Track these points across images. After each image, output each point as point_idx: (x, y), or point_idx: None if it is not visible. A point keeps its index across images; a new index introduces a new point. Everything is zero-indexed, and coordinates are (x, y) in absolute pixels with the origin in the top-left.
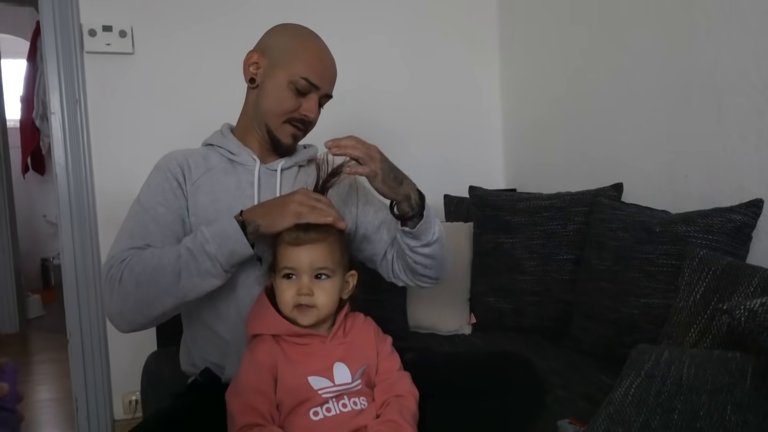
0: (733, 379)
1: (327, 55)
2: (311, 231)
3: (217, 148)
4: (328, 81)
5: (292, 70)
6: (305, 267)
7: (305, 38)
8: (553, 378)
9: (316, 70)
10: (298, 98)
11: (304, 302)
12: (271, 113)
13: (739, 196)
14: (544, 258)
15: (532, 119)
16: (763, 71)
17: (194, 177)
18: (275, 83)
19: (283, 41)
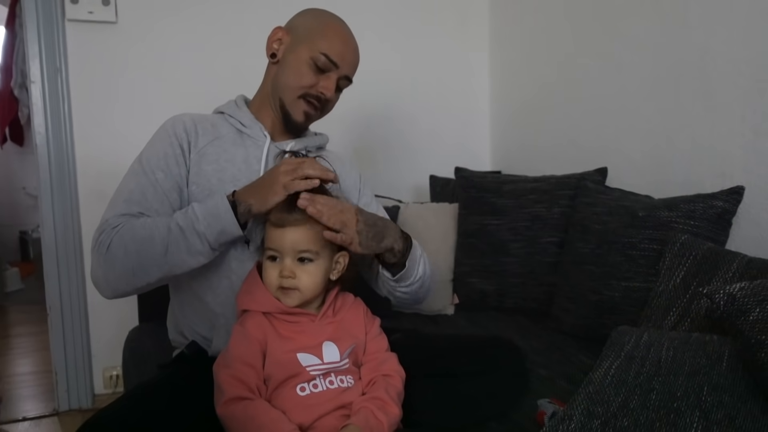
0: (710, 361)
1: (350, 38)
2: (296, 212)
3: (228, 117)
4: (348, 62)
5: (314, 46)
6: (287, 249)
7: (331, 19)
8: (535, 357)
9: (337, 49)
10: (316, 75)
11: (286, 285)
12: (287, 87)
13: (720, 183)
14: (528, 240)
15: (520, 102)
16: (752, 58)
17: (200, 144)
18: (296, 57)
19: (310, 21)
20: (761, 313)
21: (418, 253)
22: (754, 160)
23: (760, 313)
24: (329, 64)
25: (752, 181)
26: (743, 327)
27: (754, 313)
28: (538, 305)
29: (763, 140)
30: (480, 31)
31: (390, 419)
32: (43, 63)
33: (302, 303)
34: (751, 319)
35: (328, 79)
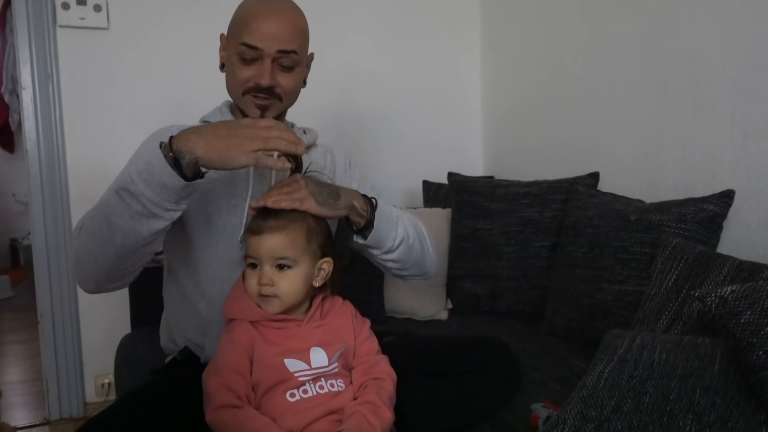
0: (702, 364)
1: (273, 14)
2: (271, 218)
3: None
4: (271, 38)
5: (236, 39)
6: (265, 256)
7: (252, 4)
8: (528, 361)
9: (254, 31)
10: (248, 67)
11: (265, 292)
12: (231, 90)
13: (711, 187)
14: (521, 244)
15: (511, 106)
16: (740, 62)
17: None
18: (228, 59)
19: (234, 15)
20: (752, 315)
21: (394, 215)
22: (744, 164)
23: (752, 315)
24: (251, 51)
25: (742, 184)
26: (735, 329)
27: (746, 316)
28: (531, 309)
29: (752, 143)
30: (471, 34)
31: (383, 423)
32: (34, 69)
33: (284, 309)
34: (742, 322)
35: (261, 66)
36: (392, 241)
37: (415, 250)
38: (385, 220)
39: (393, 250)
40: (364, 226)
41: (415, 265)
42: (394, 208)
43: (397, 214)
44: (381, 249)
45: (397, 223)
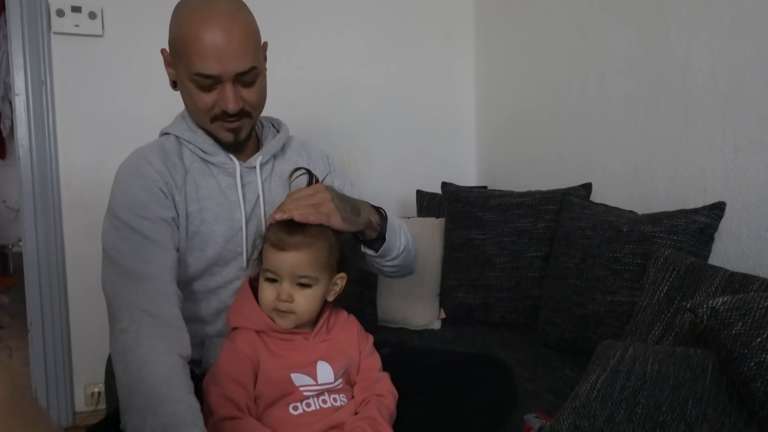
0: (694, 375)
1: (217, 30)
2: (296, 234)
3: (186, 144)
4: (227, 61)
5: (187, 68)
6: (286, 273)
7: (188, 20)
8: (521, 371)
9: (206, 59)
10: (208, 93)
11: (282, 308)
12: (195, 116)
13: (702, 199)
14: (514, 254)
15: (505, 117)
16: (730, 76)
17: (179, 183)
18: (182, 83)
19: (174, 31)
20: (743, 326)
21: (397, 224)
22: (734, 177)
23: (743, 326)
24: (210, 80)
25: (733, 196)
26: (726, 341)
27: (737, 327)
28: (524, 319)
29: (743, 157)
30: (465, 46)
31: None
32: (27, 75)
33: (298, 325)
34: (733, 333)
35: (222, 91)
36: (397, 250)
37: (411, 255)
38: (392, 231)
39: (396, 257)
40: (375, 239)
41: (408, 267)
42: (392, 215)
43: (399, 223)
44: (385, 258)
45: (400, 231)
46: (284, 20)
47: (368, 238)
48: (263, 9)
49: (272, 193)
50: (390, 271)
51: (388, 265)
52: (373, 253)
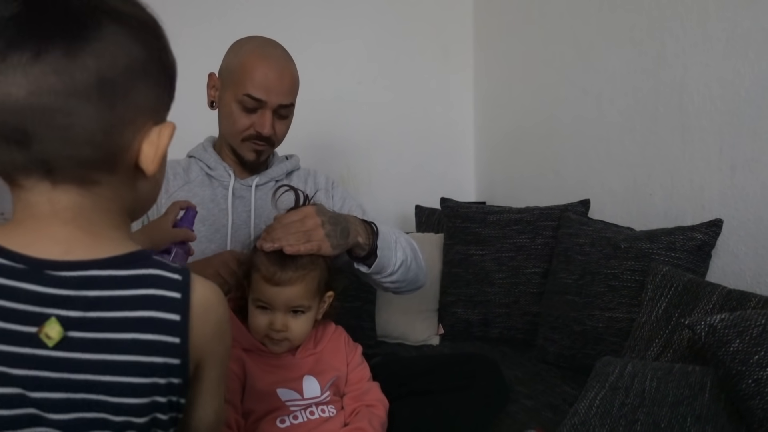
0: (692, 392)
1: (273, 66)
2: (289, 269)
3: (197, 161)
4: (275, 92)
5: (238, 88)
6: (280, 305)
7: (250, 53)
8: (519, 388)
9: (260, 85)
10: (249, 116)
11: (276, 336)
12: (228, 134)
13: (700, 216)
14: (512, 270)
15: (503, 134)
16: (727, 95)
17: (171, 189)
18: (226, 104)
19: (230, 60)
20: (741, 344)
21: (393, 239)
22: (731, 194)
23: (740, 344)
24: (255, 103)
25: (730, 214)
26: (724, 358)
27: (735, 344)
28: (523, 335)
29: (740, 175)
30: (464, 64)
31: None
32: None
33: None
34: (731, 350)
35: (262, 116)
36: (393, 266)
37: (411, 270)
38: (386, 247)
39: (393, 273)
40: (367, 255)
41: (411, 282)
42: (390, 229)
43: (396, 237)
44: (381, 274)
45: (396, 247)
46: (283, 36)
47: (357, 255)
48: (264, 28)
49: (266, 212)
50: (392, 288)
51: (387, 281)
52: (365, 269)
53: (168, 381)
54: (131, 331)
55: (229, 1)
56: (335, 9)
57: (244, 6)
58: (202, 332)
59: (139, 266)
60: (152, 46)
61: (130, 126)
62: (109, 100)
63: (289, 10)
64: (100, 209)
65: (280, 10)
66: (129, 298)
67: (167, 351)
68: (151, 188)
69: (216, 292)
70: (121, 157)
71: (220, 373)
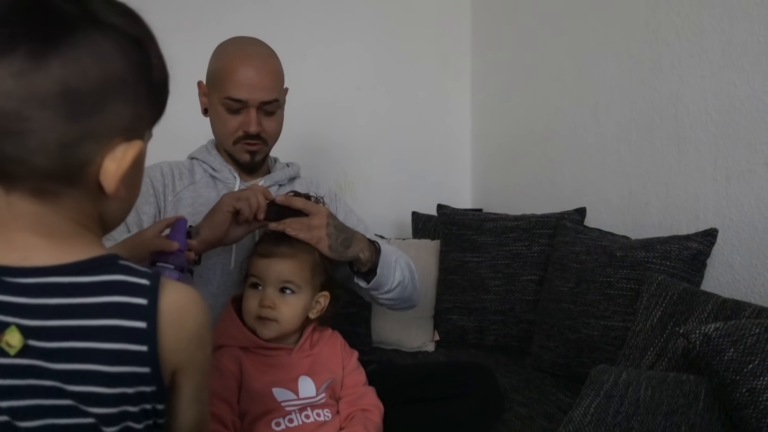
0: (687, 401)
1: (252, 64)
2: (282, 245)
3: (201, 163)
4: (256, 90)
5: (221, 92)
6: (271, 278)
7: (230, 55)
8: (514, 395)
9: (240, 85)
10: (236, 117)
11: (265, 315)
12: (220, 138)
13: (695, 225)
14: (508, 277)
15: (500, 142)
16: (721, 107)
17: (178, 188)
18: (213, 108)
19: (212, 65)
20: (735, 353)
21: (393, 259)
22: (726, 204)
23: (735, 353)
24: (238, 104)
25: (725, 223)
26: (718, 367)
27: (729, 353)
28: (518, 343)
29: (734, 185)
30: (461, 72)
31: None
32: None
33: (279, 336)
34: (725, 359)
35: (247, 115)
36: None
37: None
38: (386, 266)
39: (390, 291)
40: (367, 271)
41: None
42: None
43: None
44: (379, 291)
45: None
46: (282, 42)
47: (359, 271)
48: (262, 33)
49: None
50: (387, 304)
51: (384, 298)
52: (364, 284)
53: (138, 390)
54: (94, 341)
55: (227, 7)
56: (333, 16)
57: (242, 11)
58: (174, 339)
59: (104, 272)
60: (136, 61)
61: (95, 141)
62: (72, 111)
63: (288, 17)
64: (61, 217)
65: (278, 16)
66: (92, 306)
67: (134, 360)
68: (120, 205)
69: (192, 297)
70: (82, 171)
71: (201, 381)
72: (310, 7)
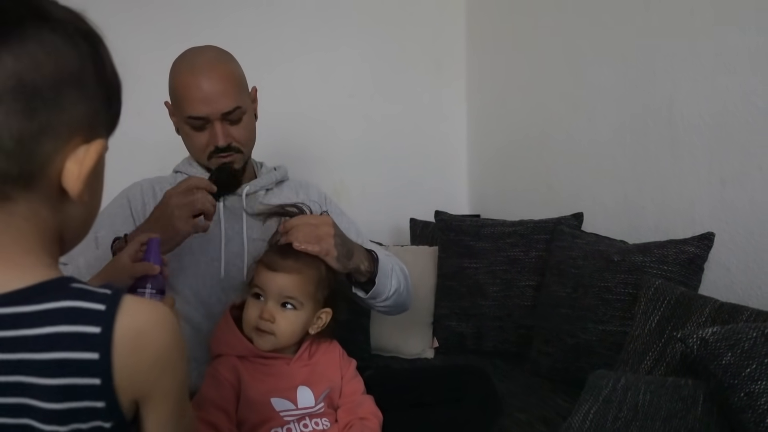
0: (685, 406)
1: (202, 77)
2: (289, 258)
3: (183, 176)
4: (213, 102)
5: (181, 112)
6: (273, 292)
7: (180, 72)
8: (513, 401)
9: (195, 102)
10: (202, 133)
11: (263, 327)
12: (194, 155)
13: (691, 229)
14: (506, 283)
15: (496, 147)
16: (716, 111)
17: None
18: (181, 128)
19: (169, 85)
20: (733, 357)
21: (389, 268)
22: (722, 208)
23: (732, 357)
24: (200, 121)
25: (721, 227)
26: (716, 371)
27: (727, 358)
28: (516, 348)
29: (729, 189)
30: (456, 78)
31: None
32: None
33: (275, 348)
34: (723, 363)
35: (212, 130)
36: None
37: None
38: (384, 275)
39: (387, 299)
40: (365, 282)
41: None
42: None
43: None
44: (376, 299)
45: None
46: (276, 49)
47: (358, 281)
48: (256, 41)
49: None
50: (383, 310)
51: (380, 306)
52: (363, 294)
53: (93, 426)
54: (41, 376)
55: (220, 15)
56: (328, 22)
57: (235, 19)
58: (132, 368)
59: (52, 299)
60: (88, 57)
61: (52, 138)
62: (28, 106)
63: (282, 24)
64: (10, 229)
65: (272, 23)
66: (36, 338)
67: (86, 394)
68: (82, 213)
69: (154, 317)
70: (40, 173)
71: (173, 408)
72: (305, 14)
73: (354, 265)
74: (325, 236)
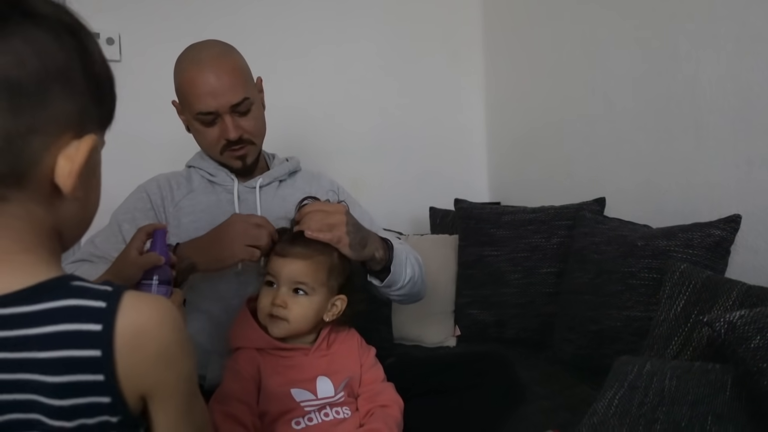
0: (713, 390)
1: (208, 71)
2: (298, 245)
3: (198, 170)
4: (220, 95)
5: (190, 110)
6: (284, 278)
7: (185, 69)
8: (536, 388)
9: (202, 97)
10: (212, 128)
11: (276, 313)
12: (206, 151)
13: (717, 212)
14: (527, 270)
15: (515, 134)
16: (740, 90)
17: (177, 198)
18: (191, 125)
19: (175, 83)
20: (762, 340)
21: (404, 257)
22: (748, 190)
23: (761, 340)
24: (210, 116)
25: (748, 209)
26: (745, 355)
27: (755, 341)
28: (539, 336)
29: (756, 170)
30: (473, 67)
31: None
32: None
33: (289, 335)
34: (752, 347)
35: (222, 124)
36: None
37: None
38: (398, 264)
39: (402, 287)
40: (380, 270)
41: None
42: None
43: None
44: (391, 288)
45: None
46: (292, 40)
47: (373, 269)
48: (271, 32)
49: (272, 213)
50: (397, 299)
51: (394, 294)
52: (378, 283)
53: (100, 420)
54: (45, 374)
55: (235, 5)
56: (343, 12)
57: (251, 11)
58: (135, 365)
59: (52, 298)
60: (74, 52)
61: (41, 136)
62: (14, 104)
63: (297, 14)
64: (6, 229)
65: (287, 13)
66: (39, 337)
67: (91, 391)
68: (78, 210)
69: (156, 313)
70: (30, 171)
71: (180, 403)
72: (320, 5)
73: (368, 254)
74: (337, 224)
